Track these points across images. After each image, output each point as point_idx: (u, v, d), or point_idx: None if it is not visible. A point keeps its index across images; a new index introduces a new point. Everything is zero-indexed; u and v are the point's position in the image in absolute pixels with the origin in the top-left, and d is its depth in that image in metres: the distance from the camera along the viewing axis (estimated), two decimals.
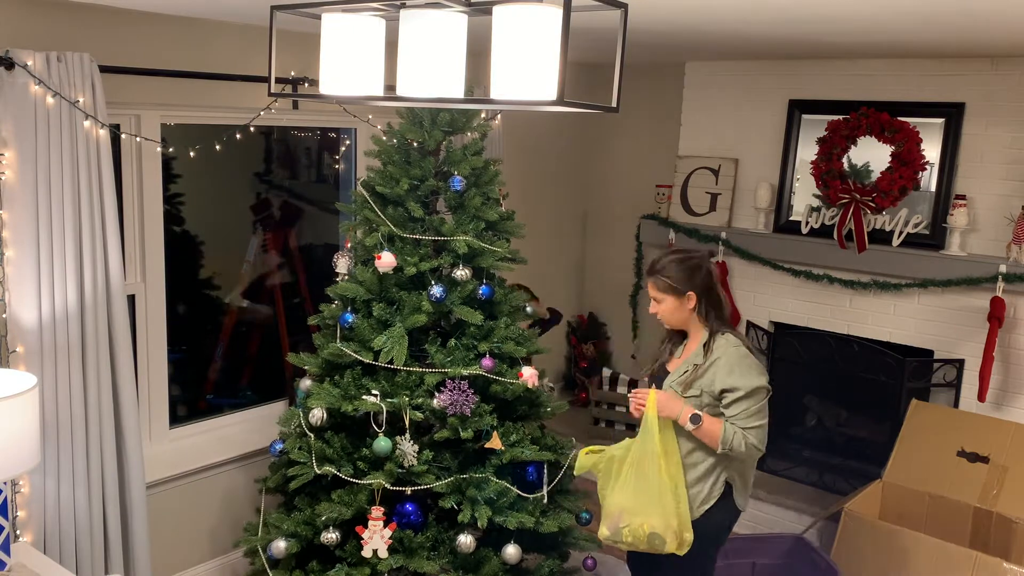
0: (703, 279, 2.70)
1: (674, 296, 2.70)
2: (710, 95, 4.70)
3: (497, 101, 1.47)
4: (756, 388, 2.60)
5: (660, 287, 2.72)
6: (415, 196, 3.13)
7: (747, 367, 2.63)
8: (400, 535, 2.90)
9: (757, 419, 2.60)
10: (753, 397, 2.60)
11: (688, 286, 2.68)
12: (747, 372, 2.62)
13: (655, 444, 2.62)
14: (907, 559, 3.25)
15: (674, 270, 2.70)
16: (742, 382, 2.60)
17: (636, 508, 2.64)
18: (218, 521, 3.62)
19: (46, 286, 2.74)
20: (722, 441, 2.59)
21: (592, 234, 5.56)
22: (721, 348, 2.66)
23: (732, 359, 2.64)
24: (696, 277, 2.69)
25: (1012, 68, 3.77)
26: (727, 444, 2.58)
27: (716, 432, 2.59)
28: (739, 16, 2.71)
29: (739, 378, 2.61)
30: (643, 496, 2.63)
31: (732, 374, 2.61)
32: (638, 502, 2.64)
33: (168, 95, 3.21)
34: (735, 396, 2.60)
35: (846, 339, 4.27)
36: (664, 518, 2.60)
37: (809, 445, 4.52)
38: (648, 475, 2.63)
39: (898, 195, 3.98)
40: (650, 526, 2.61)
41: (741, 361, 2.63)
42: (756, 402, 2.60)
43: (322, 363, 3.13)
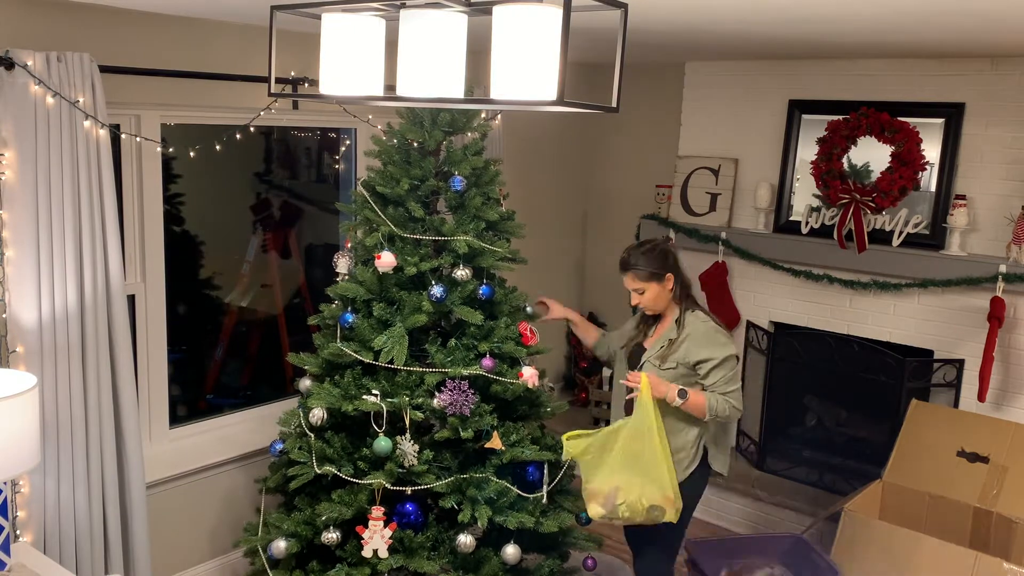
0: (673, 260, 3.00)
1: (655, 282, 2.96)
2: (710, 95, 4.70)
3: (497, 101, 1.47)
4: (728, 356, 2.92)
5: (641, 277, 2.97)
6: (415, 196, 3.13)
7: (718, 339, 2.94)
8: (400, 535, 2.90)
9: (733, 383, 2.93)
10: (726, 364, 2.92)
11: (665, 268, 2.96)
12: (718, 343, 2.93)
13: (651, 421, 2.81)
14: (907, 559, 3.25)
15: (648, 259, 2.96)
16: (715, 352, 2.91)
17: (632, 484, 2.83)
18: (218, 521, 3.62)
19: (46, 286, 2.74)
20: (708, 409, 2.88)
21: (592, 234, 5.56)
22: (691, 324, 2.97)
23: (703, 332, 2.95)
24: (668, 260, 2.98)
25: (1012, 68, 3.77)
26: (713, 411, 2.89)
27: (701, 403, 2.88)
28: (739, 16, 2.71)
29: (712, 349, 2.92)
30: (639, 472, 2.82)
31: (705, 346, 2.92)
32: (634, 478, 2.82)
33: (168, 95, 3.21)
34: (711, 366, 2.91)
35: (846, 339, 4.27)
36: (662, 490, 2.81)
37: (809, 445, 4.52)
38: (643, 451, 2.82)
39: (898, 195, 3.98)
40: (648, 499, 2.81)
41: (710, 334, 2.95)
42: (730, 368, 2.93)
43: (322, 363, 3.13)
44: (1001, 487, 3.46)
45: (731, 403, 2.92)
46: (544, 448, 3.10)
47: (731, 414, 2.93)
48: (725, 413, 2.91)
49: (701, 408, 2.89)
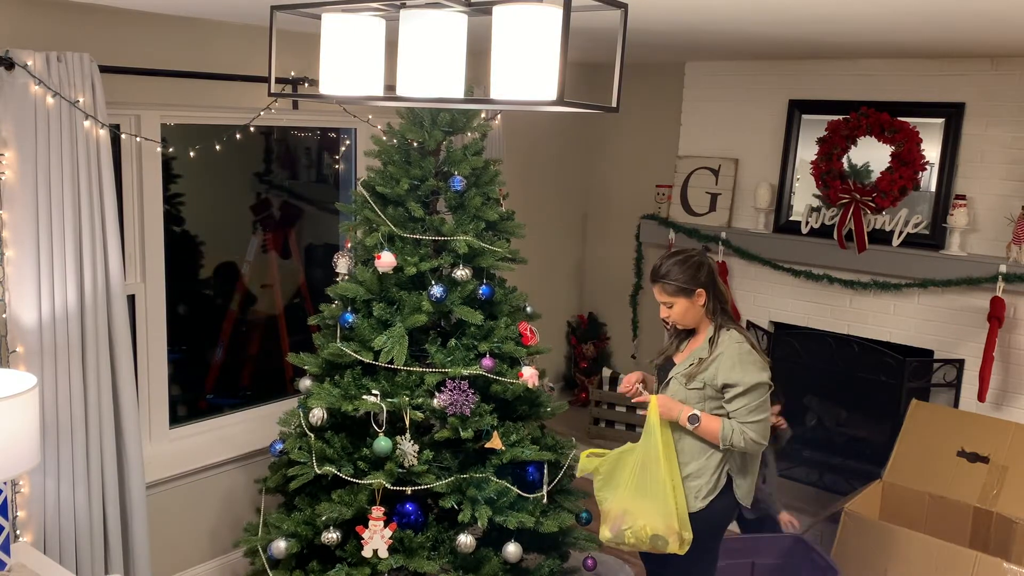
0: (707, 275, 2.76)
1: (684, 297, 2.75)
2: (710, 95, 4.70)
3: (497, 101, 1.47)
4: (757, 384, 2.66)
5: (669, 291, 2.76)
6: (415, 196, 3.13)
7: (749, 363, 2.68)
8: (400, 535, 2.90)
9: (757, 414, 2.66)
10: (753, 392, 2.65)
11: (696, 284, 2.74)
12: (748, 368, 2.67)
13: (657, 447, 2.68)
14: (907, 559, 3.25)
15: (679, 271, 2.74)
16: (743, 378, 2.65)
17: (638, 510, 2.69)
18: (218, 521, 3.62)
19: (46, 286, 2.74)
20: (722, 438, 2.66)
21: (592, 234, 5.56)
22: (725, 343, 2.72)
23: (735, 355, 2.69)
24: (701, 274, 2.75)
25: (1012, 68, 3.77)
26: (727, 440, 2.66)
27: (715, 429, 2.67)
28: (739, 16, 2.71)
29: (740, 374, 2.66)
30: (645, 498, 2.68)
31: (734, 369, 2.67)
32: (640, 504, 2.69)
33: (168, 95, 3.21)
34: (736, 392, 2.66)
35: (846, 339, 4.27)
36: (666, 519, 2.65)
37: (809, 445, 4.52)
38: (650, 477, 2.69)
39: (898, 195, 3.98)
40: (652, 528, 2.66)
41: (744, 357, 2.68)
42: (756, 398, 2.66)
43: (322, 363, 3.13)
44: (1001, 487, 3.46)
45: (748, 435, 2.64)
46: (544, 448, 3.10)
47: (747, 447, 2.66)
48: (740, 445, 2.65)
49: (714, 435, 2.68)
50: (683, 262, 2.76)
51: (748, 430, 2.64)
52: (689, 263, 2.76)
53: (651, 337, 5.11)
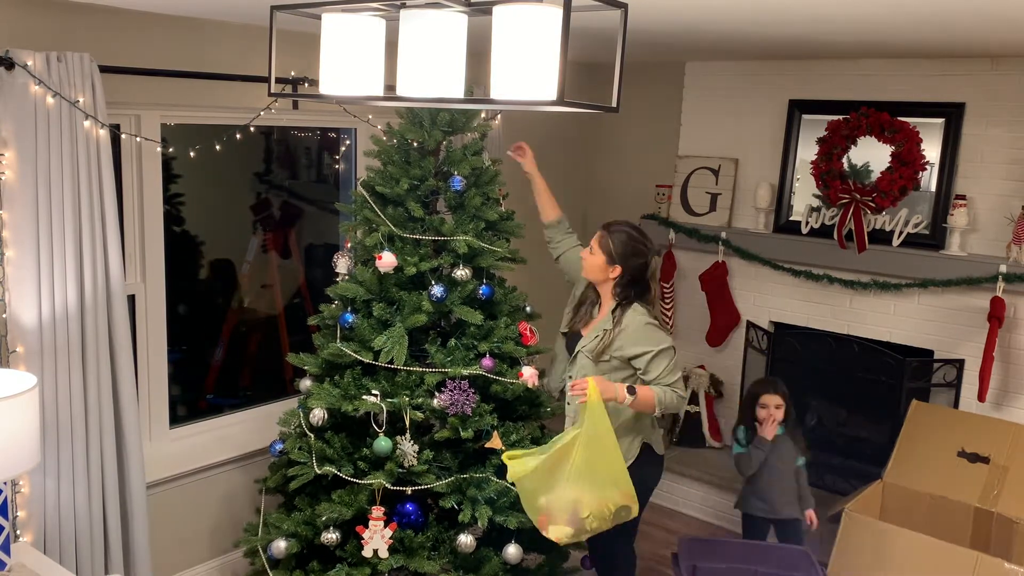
0: (636, 265, 2.95)
1: (606, 258, 2.95)
2: (710, 95, 4.70)
3: (497, 101, 1.47)
4: (666, 347, 2.87)
5: (601, 244, 2.98)
6: (415, 196, 3.13)
7: (651, 332, 2.89)
8: (401, 535, 2.90)
9: (676, 373, 2.89)
10: (665, 354, 2.86)
11: (618, 259, 2.94)
12: (652, 337, 2.88)
13: (605, 425, 2.72)
14: (908, 560, 3.25)
15: (618, 242, 2.95)
16: (651, 345, 2.86)
17: (594, 492, 2.74)
18: (218, 521, 3.62)
19: (46, 286, 2.74)
20: (658, 403, 2.83)
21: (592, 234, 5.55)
22: (628, 317, 2.92)
23: (636, 326, 2.89)
24: (630, 260, 2.94)
25: (1012, 68, 3.77)
26: (662, 404, 2.83)
27: (650, 397, 2.82)
28: (739, 16, 2.71)
29: (647, 343, 2.86)
30: (599, 478, 2.74)
31: (640, 341, 2.87)
32: (595, 485, 2.74)
33: (168, 95, 3.21)
34: (648, 358, 2.85)
35: (846, 339, 4.27)
36: (620, 488, 2.75)
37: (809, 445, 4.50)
38: (600, 457, 2.73)
39: (898, 195, 3.98)
40: (614, 502, 2.74)
41: (644, 328, 2.89)
42: (669, 358, 2.87)
43: (322, 363, 3.13)
44: (1002, 487, 3.46)
45: (677, 393, 2.87)
46: None
47: (679, 404, 2.89)
48: (674, 403, 2.87)
49: (651, 403, 2.83)
50: (629, 241, 2.96)
51: (674, 390, 2.85)
52: (632, 246, 2.95)
53: None
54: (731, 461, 3.71)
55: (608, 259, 2.96)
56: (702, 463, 4.54)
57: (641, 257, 2.97)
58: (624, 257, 2.95)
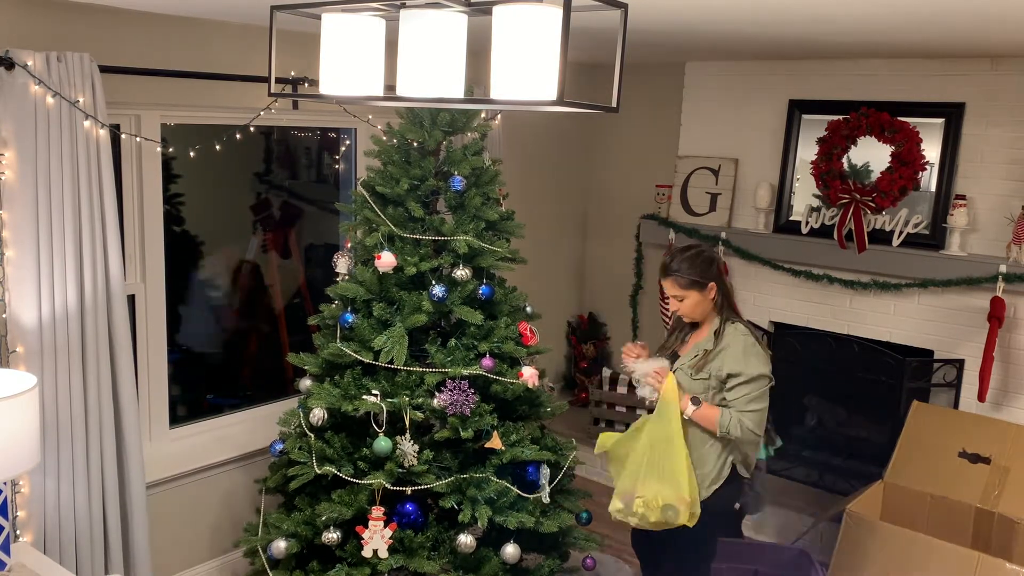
0: (717, 268, 2.85)
1: (696, 290, 2.81)
2: (710, 95, 4.70)
3: (497, 101, 1.47)
4: (758, 375, 2.74)
5: (682, 284, 2.82)
6: (415, 196, 3.13)
7: (753, 355, 2.77)
8: (400, 535, 2.90)
9: (755, 404, 2.74)
10: (754, 383, 2.74)
11: (708, 277, 2.81)
12: (752, 359, 2.76)
13: (674, 423, 2.76)
14: (909, 560, 3.25)
15: (691, 265, 2.81)
16: (746, 368, 2.74)
17: (650, 483, 2.76)
18: (218, 521, 3.61)
19: (46, 286, 2.74)
20: (719, 424, 2.74)
21: (592, 234, 5.56)
22: (731, 335, 2.80)
23: (740, 346, 2.78)
24: (712, 268, 2.83)
25: (1012, 68, 3.77)
26: (724, 428, 2.73)
27: (713, 417, 2.75)
28: (739, 16, 2.71)
29: (743, 365, 2.75)
30: (658, 472, 2.76)
31: (738, 360, 2.75)
32: (652, 477, 2.76)
33: (168, 95, 3.21)
34: (738, 381, 2.74)
35: (846, 339, 4.27)
36: (678, 491, 2.72)
37: (809, 445, 4.52)
38: (664, 452, 2.76)
39: (898, 195, 3.98)
40: (664, 498, 2.73)
41: (748, 349, 2.77)
42: (756, 388, 2.74)
43: (322, 363, 3.13)
44: (1003, 488, 3.45)
45: (745, 423, 2.71)
46: (544, 448, 3.10)
47: (743, 435, 2.72)
48: (737, 433, 2.72)
49: (711, 421, 2.75)
50: (695, 256, 2.83)
51: (745, 419, 2.71)
52: (701, 257, 2.83)
53: (651, 337, 5.10)
54: None
55: (698, 287, 2.81)
56: None
57: (714, 261, 2.85)
58: (707, 272, 2.81)
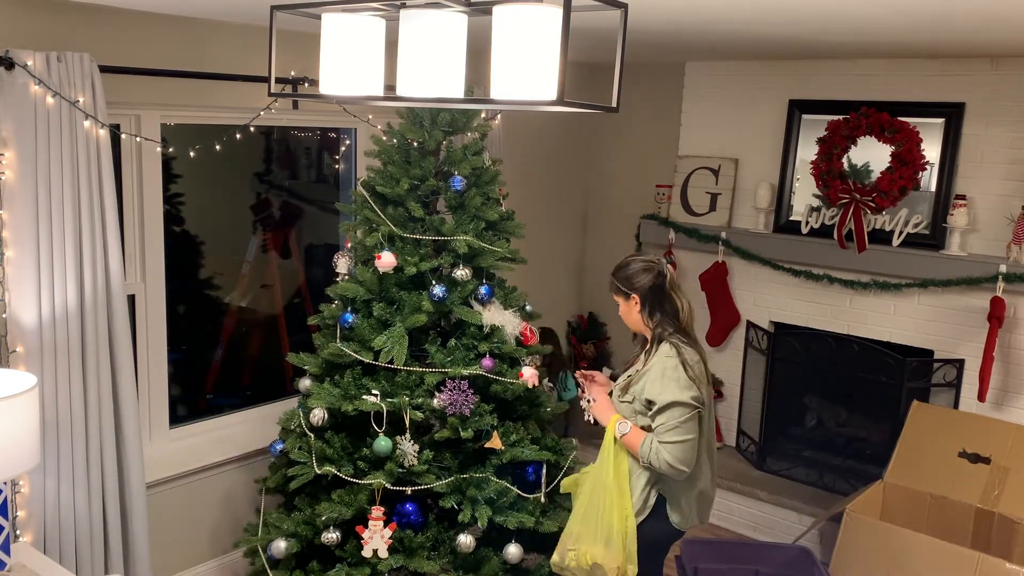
0: (649, 282, 2.64)
1: (621, 297, 2.73)
2: (710, 95, 4.70)
3: (497, 101, 1.47)
4: (672, 402, 2.50)
5: (612, 288, 2.76)
6: (415, 196, 3.13)
7: (671, 379, 2.52)
8: (400, 535, 2.91)
9: (675, 435, 2.50)
10: (669, 411, 2.51)
11: (629, 287, 2.67)
12: (669, 384, 2.52)
13: (609, 469, 2.58)
14: (909, 560, 3.25)
15: (622, 273, 2.71)
16: (660, 394, 2.52)
17: (584, 535, 2.60)
18: (218, 521, 3.61)
19: (46, 286, 2.74)
20: (640, 454, 2.55)
21: (592, 234, 5.56)
22: (656, 356, 2.60)
23: (658, 369, 2.56)
24: (640, 280, 2.65)
25: (1012, 68, 3.77)
26: (645, 458, 2.54)
27: (634, 443, 2.57)
28: (739, 16, 2.71)
29: (658, 390, 2.53)
30: (592, 523, 2.59)
31: (654, 384, 2.55)
32: (587, 529, 2.60)
33: (168, 95, 3.21)
34: (655, 408, 2.54)
35: (846, 339, 4.27)
36: (608, 548, 2.54)
37: (809, 445, 4.52)
38: (599, 503, 2.59)
39: (898, 195, 3.98)
40: (593, 556, 2.55)
41: (666, 373, 2.54)
42: (674, 417, 2.50)
43: (322, 363, 3.13)
44: (1003, 488, 3.46)
45: (664, 455, 2.48)
46: (544, 448, 3.10)
47: (663, 468, 2.50)
48: (657, 465, 2.50)
49: (633, 448, 2.57)
50: (629, 265, 2.71)
51: (663, 450, 2.49)
52: (633, 267, 2.69)
53: None
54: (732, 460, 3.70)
55: (621, 296, 2.70)
56: None
57: (648, 272, 2.66)
58: (629, 282, 2.67)
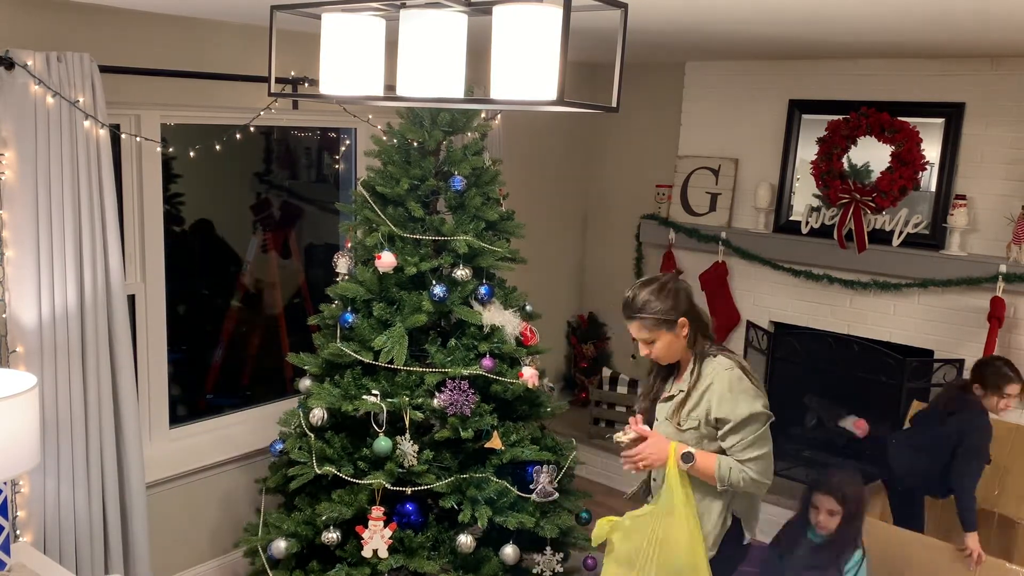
0: (686, 300, 2.46)
1: (666, 330, 2.43)
2: (710, 95, 4.70)
3: (497, 101, 1.47)
4: (749, 416, 2.36)
5: (649, 325, 2.44)
6: (415, 196, 3.13)
7: (740, 392, 2.38)
8: (400, 535, 2.90)
9: (755, 449, 2.36)
10: (747, 427, 2.36)
11: (677, 313, 2.43)
12: (738, 399, 2.37)
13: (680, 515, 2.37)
14: (909, 560, 3.25)
15: (657, 301, 2.42)
16: (734, 410, 2.36)
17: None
18: (218, 521, 3.62)
19: (46, 286, 2.74)
20: (719, 479, 2.37)
21: (592, 234, 5.56)
22: (712, 372, 2.42)
23: (725, 384, 2.39)
24: (680, 301, 2.44)
25: (1012, 68, 3.77)
26: (725, 481, 2.37)
27: (711, 468, 2.38)
28: (739, 16, 2.71)
29: (731, 407, 2.37)
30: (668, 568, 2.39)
31: (724, 402, 2.38)
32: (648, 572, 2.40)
33: (168, 95, 3.21)
34: (728, 427, 2.37)
35: (846, 339, 4.27)
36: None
37: (809, 445, 4.52)
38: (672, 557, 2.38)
39: (898, 195, 3.98)
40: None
41: (733, 387, 2.38)
42: (752, 431, 2.37)
43: (322, 363, 3.13)
44: (1002, 488, 3.46)
45: (748, 474, 2.34)
46: (544, 448, 3.10)
47: (748, 487, 2.36)
48: (740, 485, 2.36)
49: (709, 475, 2.37)
50: (659, 290, 2.43)
51: (748, 468, 2.35)
52: (665, 290, 2.44)
53: None
54: None
55: (668, 326, 2.43)
56: None
57: (680, 292, 2.45)
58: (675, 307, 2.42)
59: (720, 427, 2.39)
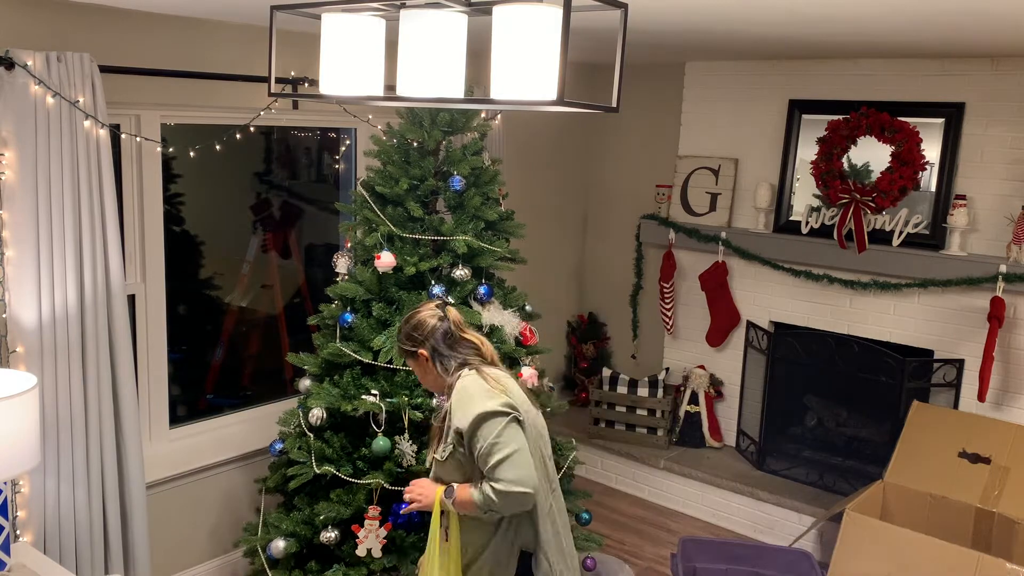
0: (430, 329, 2.26)
1: (411, 360, 2.31)
2: (710, 95, 4.70)
3: (497, 101, 1.47)
4: (479, 416, 2.08)
5: (400, 355, 2.37)
6: (415, 196, 3.13)
7: (471, 395, 2.13)
8: (393, 535, 2.91)
9: (496, 453, 2.05)
10: (482, 428, 2.07)
11: (412, 344, 2.27)
12: (471, 401, 2.12)
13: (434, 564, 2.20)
14: (909, 560, 3.25)
15: (401, 332, 2.31)
16: (465, 416, 2.10)
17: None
18: (218, 521, 3.62)
19: (46, 286, 2.74)
20: (479, 505, 2.08)
21: (592, 234, 5.56)
22: (455, 389, 2.20)
23: (457, 395, 2.18)
24: (421, 330, 2.26)
25: (1012, 68, 3.77)
26: (485, 506, 2.08)
27: (467, 497, 2.11)
28: (739, 16, 2.71)
29: (463, 413, 2.12)
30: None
31: (457, 410, 2.15)
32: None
33: (168, 95, 3.21)
34: (468, 437, 2.11)
35: (846, 339, 4.27)
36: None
37: (809, 445, 4.52)
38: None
39: (898, 195, 3.98)
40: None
41: (465, 390, 2.16)
42: (485, 438, 2.06)
43: (322, 363, 3.13)
44: (1003, 488, 3.46)
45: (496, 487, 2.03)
46: None
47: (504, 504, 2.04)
48: (500, 501, 2.03)
49: (470, 504, 2.10)
50: (407, 321, 2.30)
51: (494, 480, 2.03)
52: (410, 322, 2.29)
53: (651, 337, 5.11)
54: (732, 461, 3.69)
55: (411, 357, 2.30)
56: (702, 463, 4.54)
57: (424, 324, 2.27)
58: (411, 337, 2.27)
59: (465, 441, 2.12)
